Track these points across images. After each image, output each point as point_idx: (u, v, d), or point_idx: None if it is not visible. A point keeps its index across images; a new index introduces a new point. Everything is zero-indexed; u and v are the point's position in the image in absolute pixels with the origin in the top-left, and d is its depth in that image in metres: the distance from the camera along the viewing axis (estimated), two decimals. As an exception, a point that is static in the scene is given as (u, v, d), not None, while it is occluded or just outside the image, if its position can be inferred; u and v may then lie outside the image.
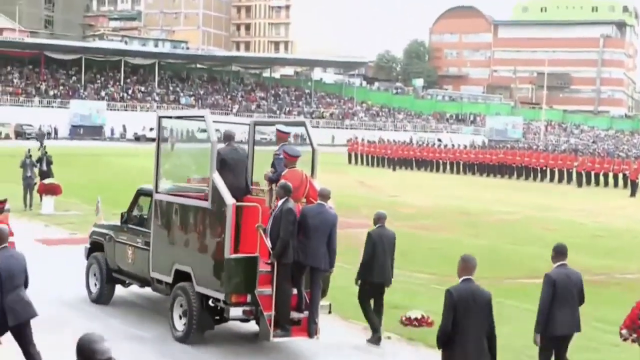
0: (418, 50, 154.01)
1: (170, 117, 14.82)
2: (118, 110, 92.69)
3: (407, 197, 37.60)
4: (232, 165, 12.21)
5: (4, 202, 13.75)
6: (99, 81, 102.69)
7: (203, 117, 12.32)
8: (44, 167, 29.87)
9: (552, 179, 52.31)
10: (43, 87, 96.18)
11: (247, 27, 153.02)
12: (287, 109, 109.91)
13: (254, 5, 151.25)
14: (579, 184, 49.15)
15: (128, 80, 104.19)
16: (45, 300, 12.57)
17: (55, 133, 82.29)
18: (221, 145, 12.34)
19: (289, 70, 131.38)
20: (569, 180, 50.92)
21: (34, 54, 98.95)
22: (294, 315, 11.48)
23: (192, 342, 11.87)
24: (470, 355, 8.09)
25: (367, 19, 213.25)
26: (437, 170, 58.96)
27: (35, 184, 27.86)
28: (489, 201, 36.85)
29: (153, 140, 13.55)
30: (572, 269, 9.93)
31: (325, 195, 11.68)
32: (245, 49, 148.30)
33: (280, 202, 11.34)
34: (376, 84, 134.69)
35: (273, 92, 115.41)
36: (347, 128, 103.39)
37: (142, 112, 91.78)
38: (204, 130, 12.27)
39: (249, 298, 11.35)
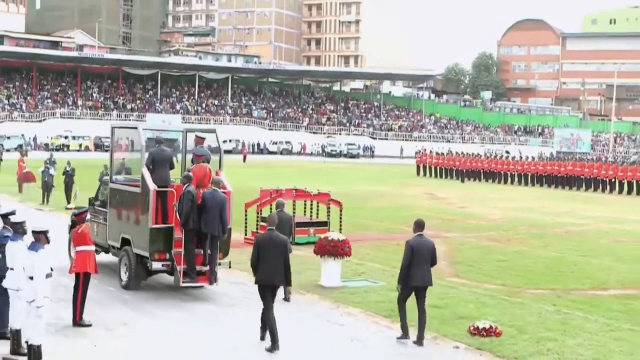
0: (487, 63, 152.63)
1: (118, 128, 19.52)
2: (192, 123, 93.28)
3: (476, 209, 37.37)
4: (159, 162, 16.16)
5: (85, 212, 14.07)
6: (174, 95, 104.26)
7: (136, 128, 17.32)
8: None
9: (621, 191, 51.42)
10: (121, 101, 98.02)
11: (318, 42, 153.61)
12: (357, 121, 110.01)
13: (325, 20, 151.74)
14: (650, 196, 48.21)
15: (202, 95, 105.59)
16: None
17: (132, 146, 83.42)
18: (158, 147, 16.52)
19: (358, 84, 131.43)
20: (639, 192, 49.99)
21: (112, 69, 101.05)
22: (200, 268, 15.61)
23: (132, 288, 16.14)
24: (269, 275, 12.12)
25: (436, 32, 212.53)
26: (506, 182, 58.28)
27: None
28: (558, 213, 36.35)
29: (230, 152, 16.17)
30: (427, 238, 13.03)
31: (217, 183, 15.70)
32: (316, 63, 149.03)
33: (184, 187, 15.35)
34: (445, 96, 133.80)
35: (343, 105, 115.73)
36: (415, 140, 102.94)
37: (216, 125, 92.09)
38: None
39: (167, 256, 15.58)
